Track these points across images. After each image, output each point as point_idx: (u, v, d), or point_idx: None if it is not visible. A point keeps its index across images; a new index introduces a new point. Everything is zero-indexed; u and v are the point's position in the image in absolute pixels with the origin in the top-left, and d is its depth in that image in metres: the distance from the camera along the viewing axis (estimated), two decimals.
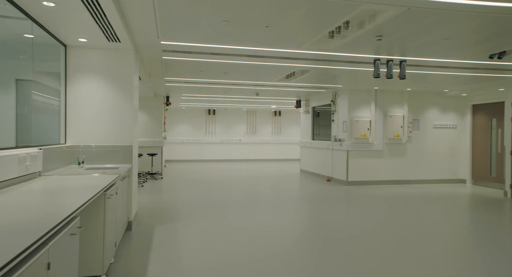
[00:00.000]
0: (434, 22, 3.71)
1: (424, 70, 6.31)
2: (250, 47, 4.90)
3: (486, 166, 8.93)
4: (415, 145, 9.38)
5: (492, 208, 6.49)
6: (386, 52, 5.08)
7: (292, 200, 7.07)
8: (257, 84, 8.53)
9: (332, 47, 4.80)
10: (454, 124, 9.66)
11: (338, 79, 7.69)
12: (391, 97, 9.23)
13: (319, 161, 10.62)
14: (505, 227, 5.18)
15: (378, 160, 9.12)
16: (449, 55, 5.22)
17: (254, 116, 16.72)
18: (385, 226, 5.04)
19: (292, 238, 4.45)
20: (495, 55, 4.97)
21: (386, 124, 9.13)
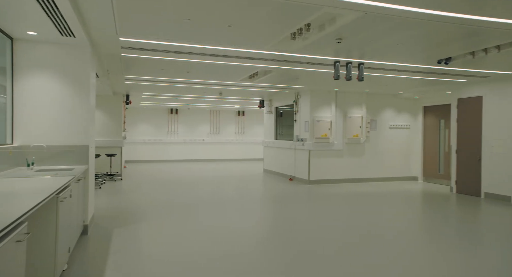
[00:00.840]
0: (389, 27, 3.89)
1: (381, 73, 6.62)
2: (213, 46, 4.86)
3: (435, 164, 9.54)
4: (373, 144, 9.81)
5: (439, 202, 6.95)
6: (346, 54, 5.26)
7: (256, 199, 7.11)
8: (220, 84, 8.48)
9: (294, 49, 4.89)
10: (408, 125, 10.22)
11: (300, 80, 7.85)
12: (351, 99, 9.57)
13: (282, 161, 10.78)
14: (450, 219, 5.56)
15: (338, 159, 9.43)
16: (403, 59, 5.51)
17: (217, 116, 16.62)
18: (344, 223, 5.22)
19: (255, 238, 4.47)
20: (443, 61, 5.33)
21: (346, 124, 9.46)
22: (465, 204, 6.81)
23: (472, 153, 7.70)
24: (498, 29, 3.87)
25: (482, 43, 4.53)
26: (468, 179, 7.78)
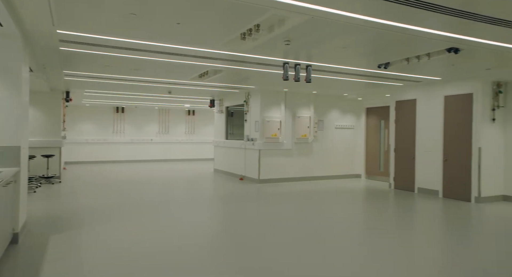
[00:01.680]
0: (334, 31, 4.08)
1: (327, 75, 6.91)
2: (161, 44, 4.72)
3: (376, 162, 10.20)
4: (320, 144, 10.21)
5: (379, 198, 7.44)
6: (294, 56, 5.41)
7: (206, 199, 7.04)
8: (169, 82, 8.26)
9: (244, 49, 4.91)
10: (352, 125, 10.78)
11: (251, 80, 7.92)
12: (299, 99, 9.87)
13: (232, 160, 10.79)
14: (388, 212, 5.99)
15: (287, 158, 9.66)
16: (347, 62, 5.80)
17: (166, 115, 16.17)
18: (293, 220, 5.37)
19: (204, 238, 4.43)
20: (382, 65, 5.71)
21: (295, 124, 9.73)
22: (400, 199, 7.36)
23: (408, 152, 8.35)
24: (428, 39, 4.23)
25: (415, 50, 4.92)
26: (404, 176, 8.42)
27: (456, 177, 7.24)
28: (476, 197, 6.86)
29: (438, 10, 3.27)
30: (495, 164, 7.03)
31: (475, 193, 6.88)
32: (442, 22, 3.63)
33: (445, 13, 3.32)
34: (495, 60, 5.44)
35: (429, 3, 3.11)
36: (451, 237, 4.63)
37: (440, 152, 7.57)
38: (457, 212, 6.10)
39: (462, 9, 3.23)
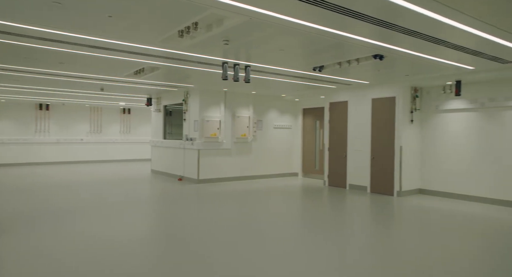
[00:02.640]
0: (272, 33, 4.19)
1: (266, 75, 7.07)
2: (91, 37, 4.41)
3: (312, 161, 10.70)
4: (259, 143, 10.40)
5: (314, 194, 7.83)
6: (233, 56, 5.44)
7: (142, 201, 6.75)
8: (101, 79, 7.76)
9: (182, 47, 4.81)
10: (290, 125, 11.17)
11: (190, 79, 7.78)
12: (239, 99, 9.95)
13: (170, 160, 10.50)
14: (322, 208, 6.33)
15: (227, 158, 9.68)
16: (285, 64, 6.00)
17: (99, 113, 15.16)
18: (232, 220, 5.40)
19: (138, 243, 4.25)
20: (317, 68, 6.02)
21: (234, 124, 9.78)
22: (333, 195, 7.82)
23: (340, 150, 8.90)
24: (357, 45, 4.56)
25: (346, 55, 5.27)
26: (337, 173, 8.96)
27: (382, 174, 7.91)
28: (398, 191, 7.57)
29: (365, 19, 3.54)
30: (413, 161, 7.82)
31: (397, 187, 7.58)
32: (369, 30, 3.94)
33: (370, 22, 3.61)
34: (412, 68, 6.06)
35: (357, 12, 3.35)
36: (376, 226, 5.05)
37: (368, 151, 8.20)
38: (381, 205, 6.67)
39: (384, 19, 3.54)
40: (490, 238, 4.59)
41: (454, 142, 7.37)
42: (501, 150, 6.67)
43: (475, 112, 7.06)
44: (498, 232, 4.88)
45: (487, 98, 6.84)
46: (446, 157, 7.49)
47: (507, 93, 6.58)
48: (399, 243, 4.34)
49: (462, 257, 3.88)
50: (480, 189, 6.94)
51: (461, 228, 5.06)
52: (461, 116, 7.28)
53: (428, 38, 4.18)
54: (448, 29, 3.80)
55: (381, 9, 3.26)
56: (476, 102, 7.00)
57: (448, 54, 4.97)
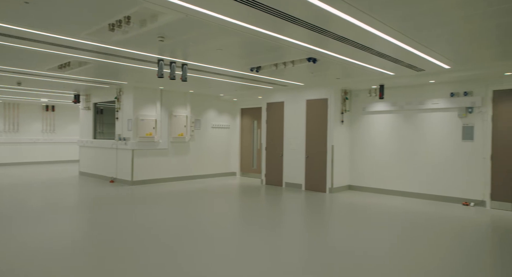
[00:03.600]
0: (209, 32, 4.15)
1: (203, 75, 6.99)
2: (4, 25, 3.94)
3: (250, 160, 10.86)
4: (197, 143, 10.24)
5: (251, 193, 7.96)
6: (169, 54, 5.28)
7: (68, 206, 6.22)
8: (19, 72, 6.97)
9: (113, 41, 4.54)
10: (228, 125, 11.19)
11: (123, 76, 7.37)
12: (176, 98, 9.69)
13: (102, 162, 9.84)
14: (260, 206, 6.46)
15: (163, 158, 9.37)
16: (222, 64, 5.98)
17: (15, 110, 13.60)
18: (168, 221, 5.24)
19: (63, 252, 3.91)
20: (254, 69, 6.11)
21: (171, 123, 9.50)
22: (271, 193, 8.03)
23: (277, 150, 9.16)
24: (292, 48, 4.73)
25: (282, 57, 5.44)
26: (274, 172, 9.21)
27: (315, 172, 8.31)
28: (330, 188, 8.03)
29: (300, 24, 3.68)
30: (343, 159, 8.36)
31: (329, 184, 8.04)
32: (304, 35, 4.11)
33: (305, 27, 3.77)
34: (342, 72, 6.47)
35: (292, 16, 3.47)
36: (311, 221, 5.30)
37: (303, 150, 8.57)
38: (314, 202, 7.01)
39: (318, 25, 3.73)
40: (410, 228, 5.10)
41: (378, 141, 8.04)
42: (417, 148, 7.45)
43: (396, 114, 7.79)
44: (417, 222, 5.44)
45: (405, 101, 7.58)
46: (372, 155, 8.14)
47: (420, 97, 7.37)
48: (332, 237, 4.61)
49: (387, 246, 4.25)
50: (401, 184, 7.67)
51: (385, 220, 5.54)
52: (384, 118, 7.97)
53: (356, 45, 4.50)
54: (373, 38, 4.13)
55: (315, 15, 3.42)
56: (396, 105, 7.72)
57: (373, 60, 5.40)
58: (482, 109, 6.61)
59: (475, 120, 6.71)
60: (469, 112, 6.76)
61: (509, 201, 6.34)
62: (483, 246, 4.30)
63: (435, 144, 7.21)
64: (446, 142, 7.06)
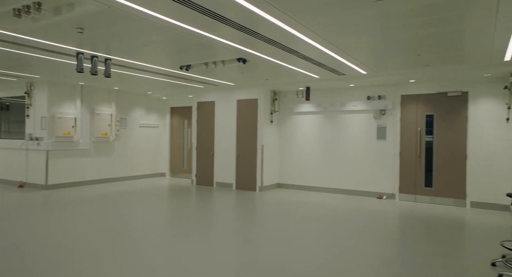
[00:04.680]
0: (135, 27, 3.93)
1: (129, 71, 6.61)
2: None
3: (180, 160, 10.59)
4: (123, 143, 9.66)
5: (181, 194, 7.78)
6: (90, 47, 4.88)
7: None
8: None
9: (21, 29, 4.04)
10: (157, 124, 10.76)
11: (34, 68, 6.61)
12: (99, 95, 9.01)
13: (8, 164, 8.72)
14: (190, 207, 6.34)
15: (84, 159, 8.66)
16: (150, 60, 5.73)
17: None
18: (92, 228, 4.85)
19: None
20: (184, 67, 5.97)
21: (94, 122, 8.82)
22: (202, 193, 7.93)
23: (208, 149, 9.09)
24: (222, 48, 4.73)
25: (213, 57, 5.40)
26: (205, 172, 9.12)
27: (246, 171, 8.44)
28: (260, 186, 8.22)
29: (230, 24, 3.69)
30: (272, 158, 8.63)
31: (259, 183, 8.23)
32: (233, 35, 4.13)
33: (235, 27, 3.79)
34: (271, 73, 6.66)
35: (222, 16, 3.47)
36: (241, 220, 5.36)
37: (234, 149, 8.63)
38: (245, 200, 7.12)
39: (248, 26, 3.78)
40: (331, 220, 5.46)
41: (305, 140, 8.47)
42: (339, 147, 8.01)
43: (320, 115, 8.28)
44: (337, 215, 5.85)
45: (329, 103, 8.11)
46: (299, 154, 8.54)
47: (342, 100, 7.95)
48: (260, 233, 4.71)
49: (310, 237, 4.49)
50: (324, 181, 8.18)
51: (309, 214, 5.85)
52: (310, 118, 8.42)
53: (284, 48, 4.66)
54: (299, 42, 4.32)
55: (245, 16, 3.46)
56: (321, 106, 8.21)
57: (299, 63, 5.66)
58: (393, 111, 7.38)
59: (387, 121, 7.45)
60: (382, 114, 7.49)
61: (412, 193, 7.17)
62: (392, 231, 4.80)
63: (354, 143, 7.84)
64: (364, 141, 7.72)
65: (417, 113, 7.17)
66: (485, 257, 3.87)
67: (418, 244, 4.32)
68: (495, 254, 3.95)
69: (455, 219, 5.68)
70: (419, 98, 7.16)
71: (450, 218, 5.77)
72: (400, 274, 3.37)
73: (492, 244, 4.35)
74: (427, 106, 7.08)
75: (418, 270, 3.47)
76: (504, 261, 3.65)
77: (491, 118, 6.44)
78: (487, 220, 5.65)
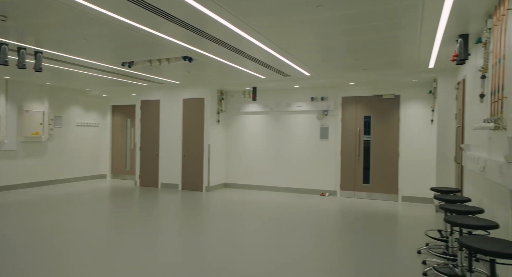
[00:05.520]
0: (70, 18, 3.66)
1: (65, 66, 6.14)
2: None
3: (123, 161, 10.10)
4: (57, 143, 8.95)
5: (124, 196, 7.43)
6: (16, 38, 4.45)
7: None
8: None
9: None
10: (97, 123, 10.13)
11: None
12: (28, 91, 8.24)
13: None
14: (134, 209, 6.08)
15: (11, 161, 7.86)
16: (89, 55, 5.37)
17: None
18: (23, 237, 4.42)
19: None
20: (126, 64, 5.70)
21: (22, 120, 8.04)
22: (144, 195, 7.64)
23: (153, 149, 8.78)
24: (168, 45, 4.60)
25: (157, 54, 5.23)
26: (149, 173, 8.79)
27: (192, 171, 8.30)
28: (207, 186, 8.15)
29: (176, 22, 3.60)
30: (219, 158, 8.60)
31: (206, 183, 8.15)
32: (180, 33, 4.04)
33: (181, 25, 3.71)
34: (218, 73, 6.64)
35: (167, 13, 3.37)
36: (187, 220, 5.26)
37: (180, 149, 8.44)
38: (191, 201, 7.00)
39: (194, 25, 3.72)
40: (276, 217, 5.59)
41: (251, 140, 8.57)
42: (284, 147, 8.23)
43: (267, 115, 8.44)
44: (282, 212, 6.00)
45: (275, 103, 8.29)
46: (246, 153, 8.61)
47: (288, 100, 8.18)
48: (210, 233, 4.67)
49: (255, 234, 4.55)
50: (270, 179, 8.34)
51: (255, 213, 5.93)
52: (257, 118, 8.53)
53: (230, 48, 4.67)
54: (246, 42, 4.36)
55: (191, 14, 3.40)
56: (267, 106, 8.36)
57: (246, 63, 5.71)
58: (335, 112, 7.77)
59: (330, 122, 7.82)
60: (325, 115, 7.84)
61: (352, 190, 7.63)
62: (332, 226, 5.06)
63: (299, 142, 8.11)
64: (308, 140, 8.02)
65: (356, 114, 7.63)
66: (412, 245, 4.24)
67: (355, 236, 4.61)
68: (421, 242, 4.35)
69: (388, 213, 6.15)
70: (358, 100, 7.62)
71: (384, 212, 6.23)
72: (337, 262, 3.57)
73: (418, 234, 4.78)
74: (365, 108, 7.57)
75: (354, 258, 3.70)
76: (427, 249, 4.04)
77: (418, 120, 7.08)
78: (415, 212, 6.21)
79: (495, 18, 3.05)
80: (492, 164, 2.92)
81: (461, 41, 3.92)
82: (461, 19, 3.47)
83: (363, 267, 3.54)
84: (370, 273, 3.38)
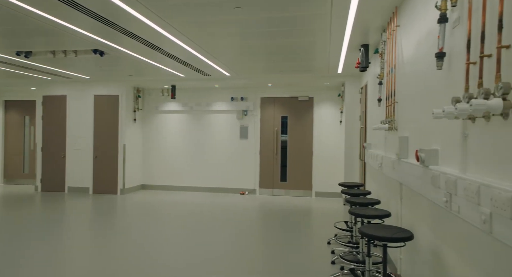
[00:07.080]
0: None
1: None
2: None
3: (20, 163, 8.90)
4: None
5: (21, 204, 6.56)
6: None
7: None
8: None
9: None
10: None
11: None
12: None
13: None
14: (35, 219, 5.40)
15: None
16: None
17: None
18: None
19: None
20: (23, 53, 5.03)
21: None
22: (48, 201, 6.85)
23: (58, 150, 7.90)
24: (74, 36, 4.19)
25: (62, 45, 4.71)
26: (54, 176, 7.90)
27: (105, 173, 7.71)
28: (121, 189, 7.65)
29: (85, 12, 3.30)
30: (135, 159, 8.15)
31: (121, 185, 7.65)
32: (89, 24, 3.71)
33: (91, 16, 3.41)
34: (134, 69, 6.28)
35: (75, 1, 3.06)
36: (100, 225, 4.86)
37: (91, 150, 7.76)
38: (104, 205, 6.50)
39: (106, 16, 3.45)
40: (196, 217, 5.52)
41: (171, 139, 8.31)
42: (204, 146, 8.18)
43: (186, 114, 8.27)
44: (202, 211, 5.95)
45: (195, 103, 8.18)
46: (164, 153, 8.32)
47: (208, 100, 8.14)
48: (124, 238, 4.39)
49: (175, 234, 4.43)
50: (191, 179, 8.20)
51: (175, 213, 5.77)
52: (176, 117, 8.31)
53: (147, 43, 4.46)
54: (163, 38, 4.21)
55: (102, 5, 3.14)
56: (187, 105, 8.20)
57: (164, 61, 5.51)
58: (254, 112, 7.98)
59: (249, 121, 8.01)
60: (244, 115, 8.01)
61: (270, 188, 7.94)
62: (250, 222, 5.20)
63: (219, 142, 8.13)
64: (228, 140, 8.09)
65: (274, 115, 7.95)
66: (323, 237, 4.60)
67: (272, 231, 4.81)
68: (330, 234, 4.74)
69: (303, 208, 6.56)
70: (275, 101, 7.95)
71: (299, 207, 6.63)
72: (256, 256, 3.68)
73: (329, 226, 5.20)
74: (282, 108, 7.93)
75: (270, 252, 3.86)
76: (335, 239, 4.43)
77: (329, 121, 7.69)
78: (326, 206, 6.73)
79: (388, 32, 3.47)
80: (387, 161, 3.33)
81: (363, 51, 4.38)
82: (362, 30, 3.87)
83: (279, 260, 3.71)
84: (285, 265, 3.57)
